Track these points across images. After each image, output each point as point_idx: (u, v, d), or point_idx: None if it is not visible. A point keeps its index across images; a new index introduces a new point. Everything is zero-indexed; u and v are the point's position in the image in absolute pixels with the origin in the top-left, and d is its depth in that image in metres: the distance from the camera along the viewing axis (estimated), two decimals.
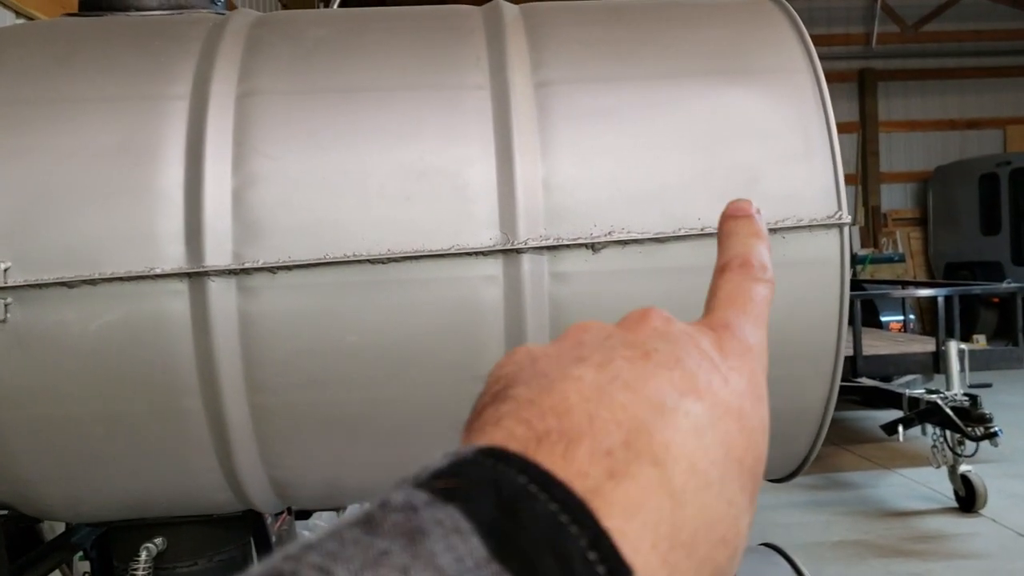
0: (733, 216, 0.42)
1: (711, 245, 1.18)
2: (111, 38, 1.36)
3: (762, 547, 1.71)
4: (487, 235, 1.23)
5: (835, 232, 1.26)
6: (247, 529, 1.59)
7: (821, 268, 1.28)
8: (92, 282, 1.17)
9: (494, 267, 1.23)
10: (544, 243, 1.23)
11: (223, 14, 1.53)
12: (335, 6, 1.80)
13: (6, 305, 1.17)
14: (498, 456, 0.26)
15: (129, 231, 1.19)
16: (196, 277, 1.19)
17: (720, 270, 0.39)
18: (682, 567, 0.28)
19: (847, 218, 1.25)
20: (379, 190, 1.23)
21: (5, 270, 1.17)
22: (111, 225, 1.19)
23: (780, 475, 1.47)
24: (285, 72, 1.29)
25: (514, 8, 1.44)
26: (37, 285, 1.17)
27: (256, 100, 1.26)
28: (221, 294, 1.20)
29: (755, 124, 1.29)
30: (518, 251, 1.22)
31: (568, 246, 1.23)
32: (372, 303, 1.22)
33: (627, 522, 0.27)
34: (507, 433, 0.28)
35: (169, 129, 1.23)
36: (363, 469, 1.35)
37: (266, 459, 1.29)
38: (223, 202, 1.21)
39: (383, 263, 1.21)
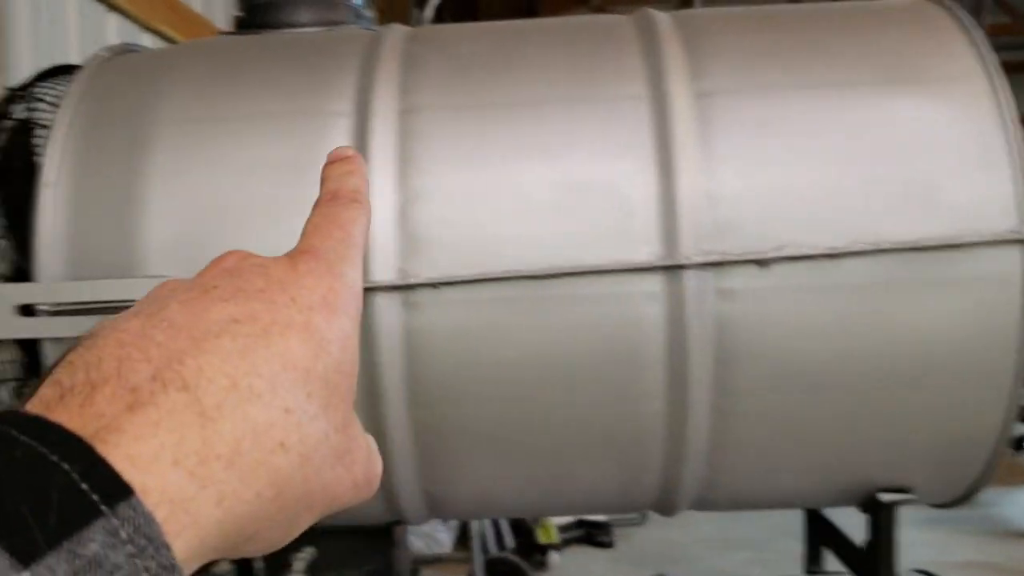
0: (330, 163, 0.42)
1: (888, 261, 1.13)
2: (272, 55, 1.39)
3: (913, 573, 1.64)
4: (648, 250, 1.21)
5: (1016, 248, 1.20)
6: (390, 541, 1.60)
7: (1000, 287, 1.21)
8: None
9: (656, 283, 1.21)
10: (709, 259, 1.20)
11: (372, 30, 1.55)
12: (430, 11, 1.80)
13: None
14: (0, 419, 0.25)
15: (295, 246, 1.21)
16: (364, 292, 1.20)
17: (313, 207, 0.39)
18: (221, 476, 0.28)
19: None
20: (538, 205, 1.22)
21: None
22: (279, 241, 1.21)
23: (948, 499, 1.41)
24: (443, 88, 1.30)
25: (666, 17, 1.41)
26: None
27: (417, 117, 1.26)
28: (386, 309, 1.21)
29: (930, 134, 1.23)
30: (681, 267, 1.19)
31: (735, 262, 1.19)
32: (531, 319, 1.21)
33: (140, 445, 0.26)
34: (37, 398, 0.28)
35: (333, 145, 1.24)
36: (515, 485, 1.34)
37: (423, 473, 1.30)
38: (388, 218, 1.22)
39: (542, 279, 1.20)
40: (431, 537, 4.03)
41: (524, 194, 1.22)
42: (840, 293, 1.20)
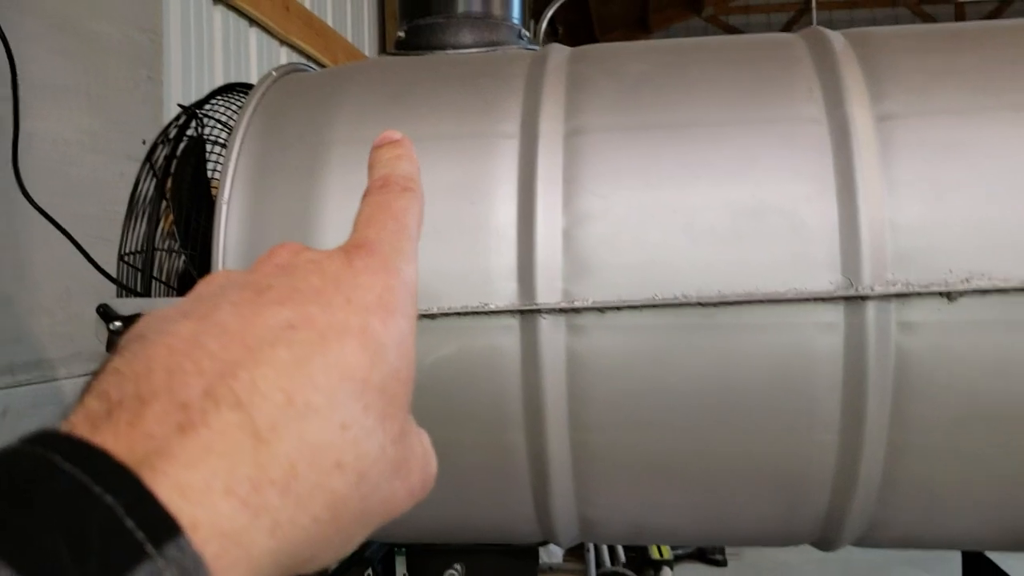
0: (377, 146, 0.39)
1: None
2: (439, 77, 1.40)
3: None
4: (827, 279, 1.16)
5: None
6: (536, 560, 1.59)
7: None
8: (431, 316, 1.20)
9: (834, 314, 1.16)
10: (892, 290, 1.14)
11: (532, 48, 1.55)
12: (544, 23, 1.78)
13: None
14: (44, 441, 0.23)
15: (465, 267, 1.22)
16: (528, 314, 1.19)
17: (363, 196, 0.36)
18: (275, 503, 0.26)
19: None
20: (710, 229, 1.19)
21: None
22: (449, 261, 1.22)
23: None
24: (610, 109, 1.28)
25: (839, 36, 1.36)
26: None
27: (583, 138, 1.25)
28: (551, 331, 1.20)
29: None
30: (863, 298, 1.14)
31: (920, 294, 1.14)
32: (699, 347, 1.18)
33: (190, 473, 0.24)
34: (82, 411, 0.26)
35: (501, 167, 1.25)
36: (672, 513, 1.32)
37: (580, 496, 1.28)
38: (554, 240, 1.21)
39: (714, 306, 1.17)
40: (544, 548, 4.03)
41: (695, 217, 1.20)
42: None
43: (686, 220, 1.20)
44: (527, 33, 1.59)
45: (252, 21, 3.85)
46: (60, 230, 1.78)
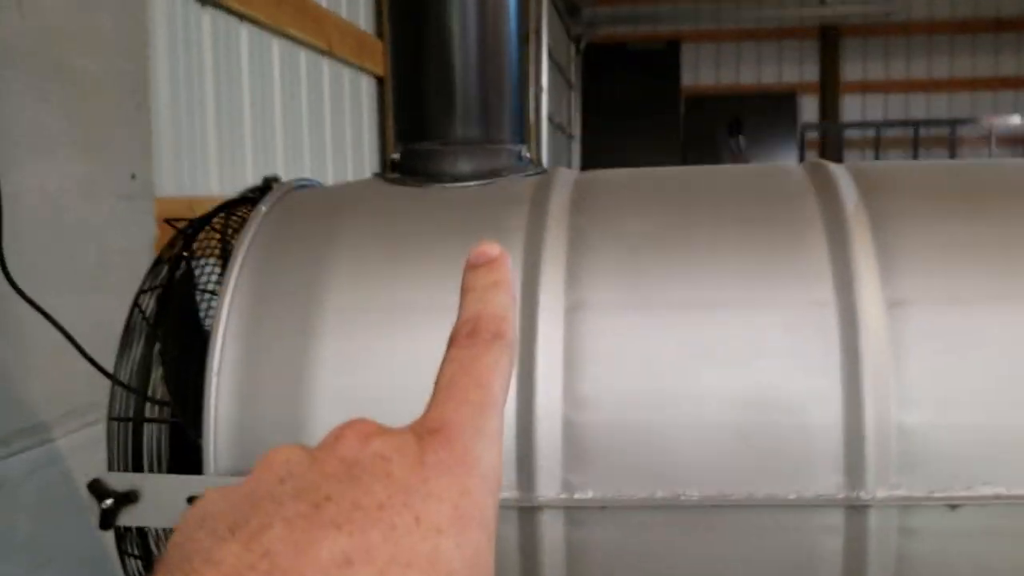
0: (473, 265, 0.34)
1: None
2: (435, 225, 1.35)
3: None
4: (831, 481, 1.14)
5: None
6: None
7: None
8: None
9: (836, 517, 1.15)
10: (896, 494, 1.13)
11: (531, 173, 1.49)
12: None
13: None
14: None
15: None
16: (526, 507, 1.18)
17: (448, 343, 0.30)
18: None
19: None
20: (714, 422, 1.17)
21: None
22: None
23: None
24: (611, 281, 1.24)
25: (852, 190, 1.31)
26: None
27: (584, 315, 1.22)
28: (551, 523, 1.19)
29: None
30: (866, 506, 1.13)
31: (923, 502, 1.12)
32: (699, 544, 1.17)
33: None
34: None
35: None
36: None
37: None
38: (554, 428, 1.18)
39: (714, 508, 1.15)
40: None
41: (699, 410, 1.17)
42: None
43: (691, 412, 1.17)
44: (527, 154, 1.53)
45: (242, 17, 3.73)
46: (50, 320, 1.75)
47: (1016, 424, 1.12)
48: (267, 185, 1.50)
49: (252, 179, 3.78)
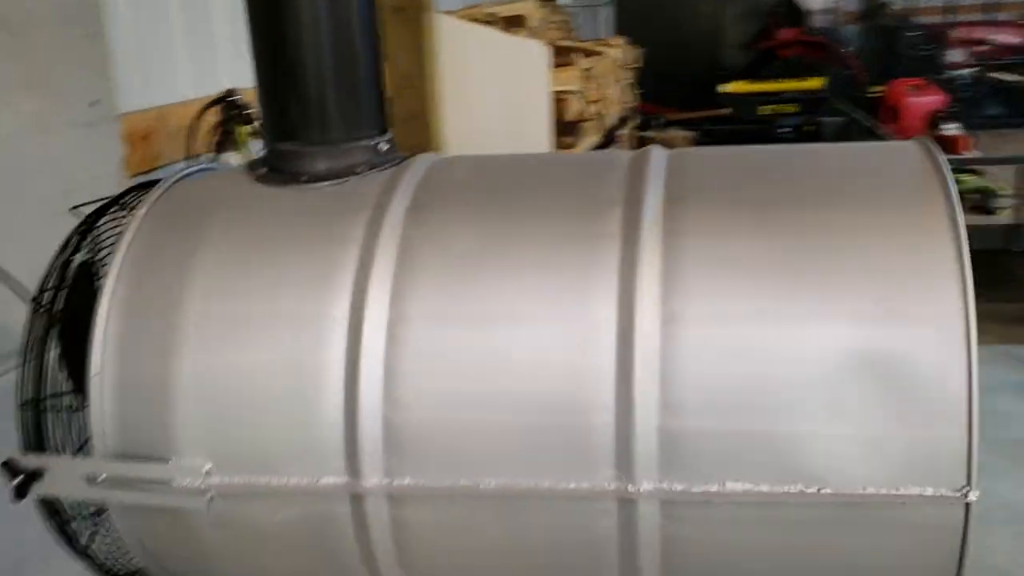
0: None
1: (831, 503, 1.20)
2: (284, 230, 1.51)
3: None
4: (606, 475, 1.33)
5: (960, 505, 1.24)
6: None
7: (941, 533, 1.27)
8: (275, 486, 1.41)
9: (610, 505, 1.34)
10: (658, 488, 1.31)
11: (387, 166, 1.61)
12: None
13: (210, 499, 1.43)
14: None
15: (300, 444, 1.40)
16: (354, 493, 1.39)
17: None
18: None
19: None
20: (509, 422, 1.35)
21: (207, 471, 1.42)
22: (286, 438, 1.41)
23: None
24: (432, 295, 1.40)
25: (659, 199, 1.42)
26: (230, 486, 1.42)
27: (405, 328, 1.38)
28: (376, 502, 1.40)
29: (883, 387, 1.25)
30: (633, 497, 1.31)
31: (681, 497, 1.30)
32: (497, 526, 1.39)
33: None
34: None
35: (329, 353, 1.39)
36: None
37: None
38: (375, 427, 1.38)
39: (509, 495, 1.35)
40: None
41: (496, 410, 1.35)
42: (782, 526, 1.30)
43: (488, 413, 1.35)
44: (385, 147, 1.64)
45: None
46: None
47: (755, 429, 1.28)
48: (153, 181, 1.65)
49: (226, 79, 3.86)
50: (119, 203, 1.72)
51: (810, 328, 1.29)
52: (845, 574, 1.34)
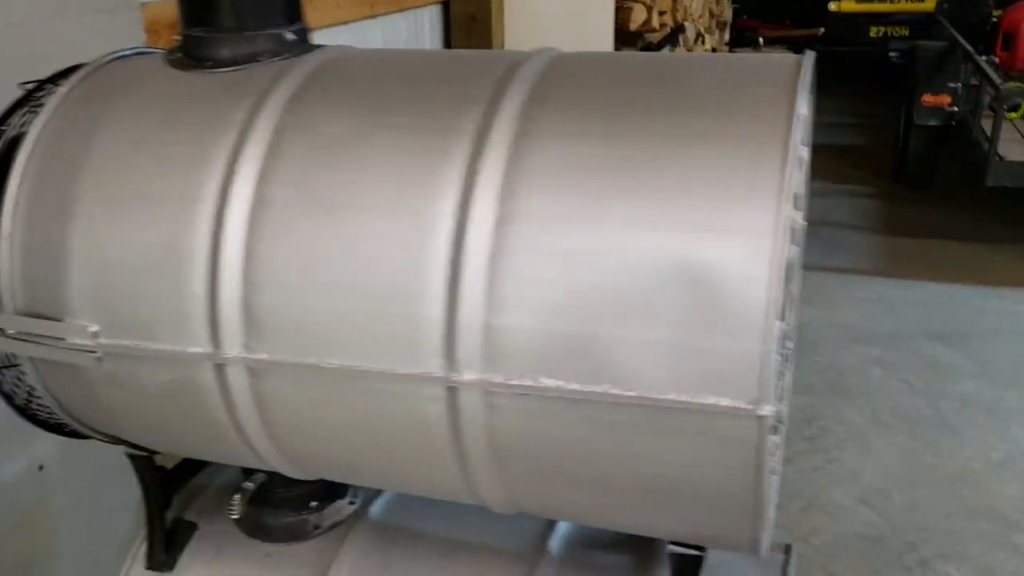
0: None
1: (635, 406, 1.24)
2: (177, 113, 1.59)
3: None
4: (435, 363, 1.39)
5: (754, 420, 1.25)
6: None
7: (737, 443, 1.28)
8: (148, 351, 1.53)
9: (438, 390, 1.40)
10: (479, 379, 1.37)
11: (289, 56, 1.66)
12: None
13: (98, 358, 1.57)
14: None
15: (172, 314, 1.51)
16: (216, 362, 1.50)
17: None
18: None
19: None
20: (350, 307, 1.42)
21: (93, 332, 1.55)
22: (161, 308, 1.52)
23: None
24: (293, 179, 1.46)
25: (521, 100, 1.43)
26: (115, 347, 1.55)
27: (264, 211, 1.46)
28: (235, 371, 1.51)
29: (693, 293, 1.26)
30: (457, 386, 1.38)
31: (500, 389, 1.36)
32: (340, 402, 1.48)
33: None
34: None
35: (198, 231, 1.48)
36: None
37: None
38: (234, 301, 1.47)
39: (348, 374, 1.43)
40: None
41: (339, 295, 1.42)
42: (592, 425, 1.35)
43: (332, 298, 1.43)
44: (291, 35, 1.68)
45: None
46: None
47: (572, 330, 1.31)
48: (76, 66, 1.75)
49: None
50: (60, 81, 1.83)
51: (633, 234, 1.30)
52: (652, 476, 1.37)
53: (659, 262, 1.28)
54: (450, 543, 1.93)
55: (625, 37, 6.25)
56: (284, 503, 2.01)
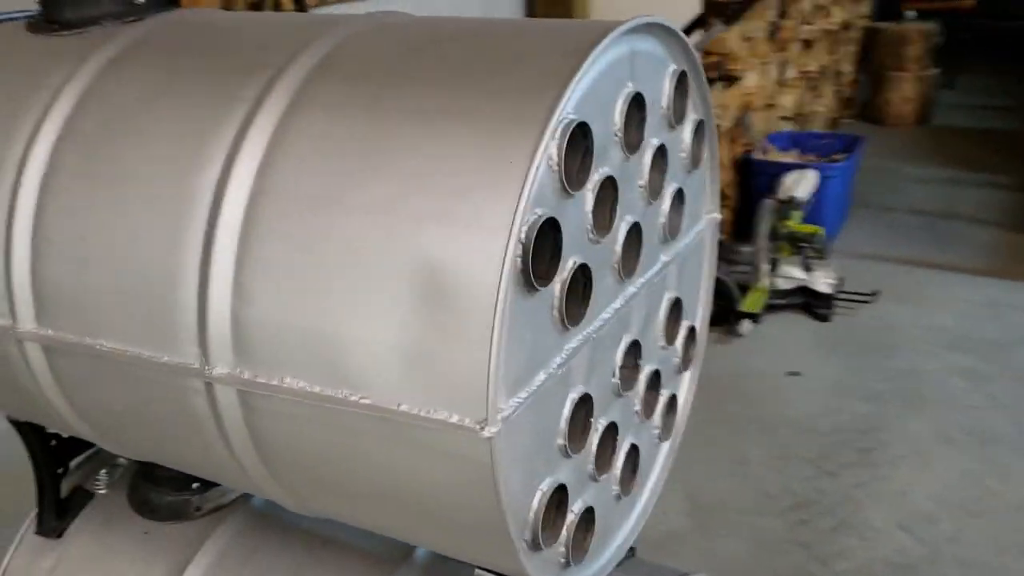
0: None
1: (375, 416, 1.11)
2: (7, 78, 1.54)
3: None
4: (192, 352, 1.28)
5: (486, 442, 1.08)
6: None
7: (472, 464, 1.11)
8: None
9: (198, 383, 1.30)
10: (230, 374, 1.25)
11: (129, 20, 1.58)
12: None
13: None
14: None
15: None
16: (16, 337, 1.45)
17: None
18: None
19: None
20: (121, 291, 1.33)
21: None
22: None
23: None
24: (80, 148, 1.38)
25: (307, 68, 1.29)
26: None
27: (55, 180, 1.39)
28: (32, 346, 1.45)
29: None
30: (211, 380, 1.27)
31: (250, 384, 1.24)
32: (115, 383, 1.40)
33: None
34: None
35: (3, 197, 1.43)
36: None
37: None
38: (24, 273, 1.41)
39: (120, 358, 1.35)
40: None
41: (109, 275, 1.33)
42: (336, 430, 1.21)
43: (104, 275, 1.34)
44: (141, 1, 1.60)
45: None
46: None
47: (312, 327, 1.17)
48: None
49: None
50: None
51: (376, 222, 1.14)
52: (405, 490, 1.22)
53: (397, 255, 1.12)
54: (321, 539, 1.82)
55: (714, 8, 5.92)
56: (167, 482, 1.96)
